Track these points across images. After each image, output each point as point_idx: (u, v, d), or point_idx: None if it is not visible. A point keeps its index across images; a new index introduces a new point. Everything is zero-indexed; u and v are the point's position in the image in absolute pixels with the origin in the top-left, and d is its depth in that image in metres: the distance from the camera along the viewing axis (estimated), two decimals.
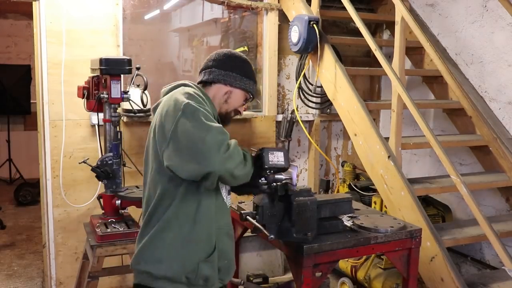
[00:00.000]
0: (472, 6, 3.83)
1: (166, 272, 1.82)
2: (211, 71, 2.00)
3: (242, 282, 2.74)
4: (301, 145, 4.69)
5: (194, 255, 1.84)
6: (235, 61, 2.03)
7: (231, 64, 2.01)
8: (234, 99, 2.01)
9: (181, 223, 1.83)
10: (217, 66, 2.00)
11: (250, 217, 2.06)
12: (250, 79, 2.04)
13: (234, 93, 2.01)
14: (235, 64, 2.02)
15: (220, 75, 1.99)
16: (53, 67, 3.53)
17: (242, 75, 2.01)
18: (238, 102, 2.04)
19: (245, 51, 4.45)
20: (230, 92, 2.00)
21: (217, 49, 2.09)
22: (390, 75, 3.21)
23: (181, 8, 4.40)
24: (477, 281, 2.87)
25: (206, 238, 1.87)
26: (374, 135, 3.25)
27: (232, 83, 1.99)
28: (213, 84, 2.00)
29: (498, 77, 3.65)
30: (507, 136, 3.52)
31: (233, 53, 2.06)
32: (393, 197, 3.12)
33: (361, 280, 3.67)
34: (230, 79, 1.99)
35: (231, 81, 1.99)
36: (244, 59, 2.06)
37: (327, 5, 4.21)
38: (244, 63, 2.05)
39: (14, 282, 4.18)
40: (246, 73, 2.03)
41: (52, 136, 3.58)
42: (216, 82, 1.99)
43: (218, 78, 1.98)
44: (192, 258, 1.84)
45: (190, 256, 1.83)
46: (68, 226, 3.68)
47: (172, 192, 1.83)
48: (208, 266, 1.86)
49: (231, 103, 2.02)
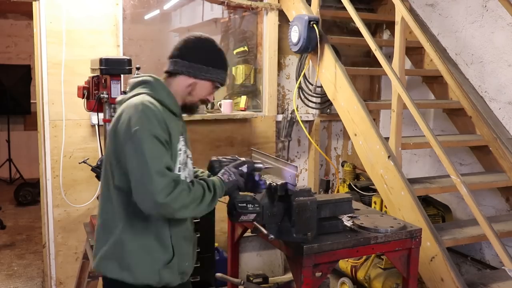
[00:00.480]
0: (472, 6, 3.83)
1: (129, 280, 1.82)
2: (176, 62, 1.90)
3: (242, 282, 2.74)
4: (301, 145, 4.69)
5: (154, 263, 1.83)
6: (202, 50, 1.91)
7: (196, 53, 1.90)
8: (199, 90, 1.93)
9: (137, 233, 1.82)
10: (181, 56, 1.90)
11: None
12: (218, 68, 1.93)
13: (199, 84, 1.91)
14: (201, 53, 1.91)
15: (184, 66, 1.88)
16: (53, 67, 3.53)
17: (208, 65, 1.90)
18: (203, 93, 1.94)
19: (245, 51, 4.46)
20: (195, 84, 1.91)
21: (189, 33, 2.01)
22: (390, 75, 3.21)
23: (181, 8, 4.40)
24: (477, 281, 2.87)
25: (163, 246, 1.85)
26: (374, 135, 3.25)
27: (197, 75, 1.89)
28: (177, 75, 1.90)
29: (498, 77, 3.65)
30: (507, 136, 3.52)
31: (201, 40, 1.93)
32: (393, 197, 3.12)
33: (361, 280, 3.67)
34: (194, 70, 1.89)
35: (195, 73, 1.89)
36: (212, 46, 1.95)
37: (327, 5, 4.22)
38: (212, 51, 1.94)
39: (14, 282, 4.18)
40: (213, 62, 1.92)
41: (52, 136, 3.58)
42: (180, 74, 1.90)
43: (182, 69, 1.89)
44: (152, 266, 1.83)
45: (150, 264, 1.83)
46: (68, 226, 3.68)
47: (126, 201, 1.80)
48: (169, 272, 1.86)
49: (196, 94, 1.93)
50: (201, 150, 4.01)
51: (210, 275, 3.47)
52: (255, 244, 3.89)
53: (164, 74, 1.95)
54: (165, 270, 1.85)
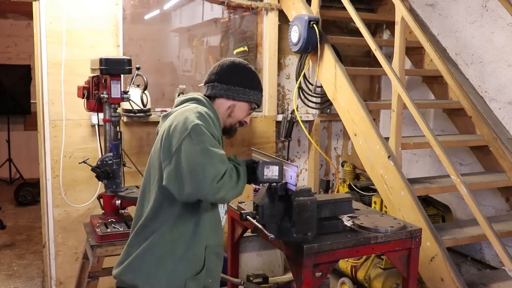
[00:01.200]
0: (472, 6, 3.83)
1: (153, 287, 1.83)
2: (214, 86, 1.99)
3: (242, 282, 2.74)
4: (301, 145, 4.69)
5: (183, 273, 1.85)
6: (237, 73, 2.01)
7: (233, 76, 1.99)
8: (237, 112, 2.02)
9: (174, 241, 1.84)
10: (219, 80, 1.99)
11: (250, 217, 2.06)
12: (254, 89, 2.02)
13: (238, 106, 2.00)
14: (237, 76, 2.00)
15: (223, 89, 1.98)
16: (53, 67, 3.53)
17: (244, 87, 2.00)
18: (242, 114, 2.03)
19: (245, 51, 4.46)
20: (234, 106, 2.00)
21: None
22: (390, 75, 3.21)
23: (181, 8, 4.40)
24: (477, 281, 2.87)
25: (197, 257, 1.89)
26: (374, 135, 3.25)
27: (235, 97, 1.99)
28: (216, 99, 2.00)
29: (498, 77, 3.65)
30: (507, 136, 3.52)
31: (236, 64, 2.03)
32: (393, 197, 3.12)
33: (361, 280, 3.67)
34: (232, 93, 1.98)
35: (233, 95, 1.98)
36: (247, 69, 2.04)
37: (327, 5, 4.21)
38: (247, 74, 2.03)
39: (14, 282, 4.18)
40: (249, 84, 2.01)
41: (52, 136, 3.58)
42: (219, 97, 1.99)
43: (221, 93, 1.98)
44: (181, 275, 1.85)
45: (179, 274, 1.85)
46: (68, 226, 3.68)
47: (168, 208, 1.84)
48: (195, 284, 1.87)
49: (235, 116, 2.02)
50: None
51: None
52: (255, 244, 3.89)
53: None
54: (191, 281, 1.86)
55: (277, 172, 1.96)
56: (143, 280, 1.84)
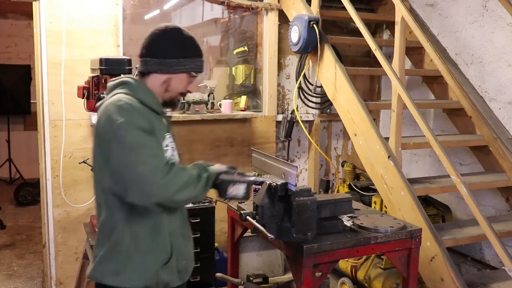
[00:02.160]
0: (472, 6, 3.83)
1: (125, 284, 1.79)
2: (146, 61, 1.85)
3: (242, 282, 2.74)
4: (301, 145, 4.69)
5: (152, 265, 1.81)
6: (169, 43, 1.84)
7: (164, 48, 1.83)
8: (175, 84, 1.88)
9: (136, 235, 1.79)
10: (150, 55, 1.84)
11: (250, 217, 2.07)
12: (190, 57, 1.86)
13: (174, 78, 1.86)
14: (168, 46, 1.84)
15: (155, 64, 1.83)
16: (53, 67, 3.53)
17: (178, 57, 1.84)
18: (181, 86, 1.90)
19: (245, 51, 4.46)
20: (169, 79, 1.86)
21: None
22: (390, 75, 3.21)
23: (181, 8, 4.40)
24: (477, 281, 2.87)
25: (163, 246, 1.84)
26: (374, 135, 3.25)
27: (169, 70, 1.84)
28: (150, 74, 1.86)
29: (498, 77, 3.65)
30: (507, 136, 3.52)
31: (166, 33, 1.85)
32: (393, 197, 3.12)
33: (361, 280, 3.67)
34: (165, 66, 1.83)
35: (167, 69, 1.83)
36: (179, 37, 1.86)
37: (327, 5, 4.21)
38: (180, 42, 1.86)
39: (14, 282, 4.18)
40: (183, 52, 1.85)
41: (52, 136, 3.58)
42: (152, 72, 1.85)
43: (154, 68, 1.84)
44: (150, 267, 1.81)
45: (148, 266, 1.81)
46: (68, 226, 3.68)
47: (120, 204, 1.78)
48: (167, 271, 1.84)
49: (173, 89, 1.88)
50: (201, 150, 4.01)
51: (210, 275, 3.47)
52: (255, 244, 3.89)
53: (138, 74, 1.91)
54: (163, 271, 1.83)
55: (243, 191, 1.89)
56: (112, 278, 1.80)
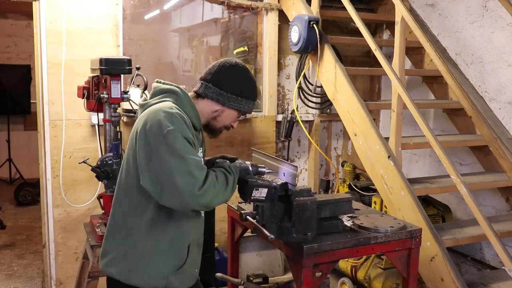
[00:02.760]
0: (472, 6, 3.83)
1: (135, 282, 1.82)
2: (207, 86, 1.90)
3: (242, 282, 2.74)
4: (301, 145, 4.69)
5: (165, 268, 1.84)
6: (234, 79, 1.91)
7: (228, 82, 1.90)
8: (224, 117, 1.94)
9: (156, 238, 1.82)
10: (213, 82, 1.90)
11: (250, 217, 2.07)
12: (248, 99, 1.94)
13: (226, 112, 1.92)
14: (232, 82, 1.90)
15: (215, 93, 1.89)
16: (53, 67, 3.53)
17: (237, 95, 1.90)
18: (228, 120, 1.96)
19: (245, 51, 4.46)
20: (222, 111, 1.92)
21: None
22: (390, 75, 3.21)
23: (181, 8, 4.40)
24: (477, 281, 2.87)
25: (179, 252, 1.88)
26: (374, 135, 3.25)
27: (225, 103, 1.90)
28: (205, 98, 1.91)
29: (498, 77, 3.65)
30: (507, 136, 3.52)
31: (235, 69, 1.92)
32: (393, 197, 3.12)
33: (361, 280, 3.67)
34: (223, 99, 1.89)
35: (224, 101, 1.90)
36: (245, 76, 1.94)
37: (327, 5, 4.21)
38: (244, 81, 1.93)
39: (14, 282, 4.18)
40: (243, 92, 1.92)
41: (52, 136, 3.58)
42: (209, 98, 1.91)
43: (212, 95, 1.89)
44: (163, 270, 1.84)
45: (161, 269, 1.84)
46: (68, 226, 3.68)
47: (146, 203, 1.80)
48: (177, 278, 1.87)
49: (221, 121, 1.95)
50: None
51: (210, 275, 3.47)
52: (255, 244, 3.89)
53: (193, 92, 1.96)
54: (173, 276, 1.86)
55: (265, 194, 1.93)
56: (124, 276, 1.83)
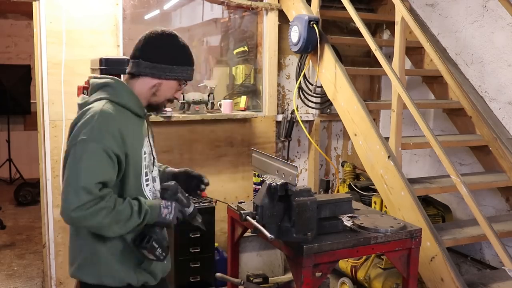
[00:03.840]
0: (472, 6, 3.83)
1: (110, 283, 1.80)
2: (138, 63, 1.81)
3: (242, 282, 2.74)
4: (301, 145, 4.69)
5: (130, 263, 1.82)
6: (164, 48, 1.82)
7: (158, 52, 1.81)
8: (164, 90, 1.85)
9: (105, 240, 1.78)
10: (143, 57, 1.81)
11: (250, 217, 2.07)
12: (183, 65, 1.84)
13: (164, 84, 1.84)
14: (163, 51, 1.81)
15: (147, 67, 1.80)
16: (53, 67, 3.53)
17: (172, 63, 1.82)
18: (170, 92, 1.87)
19: (245, 51, 4.46)
20: (159, 84, 1.83)
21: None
22: (390, 75, 3.21)
23: (181, 8, 4.40)
24: (477, 281, 2.87)
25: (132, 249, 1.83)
26: (374, 135, 3.25)
27: (161, 75, 1.81)
28: (140, 77, 1.83)
29: (498, 77, 3.65)
30: (507, 136, 3.52)
31: (162, 38, 1.83)
32: (393, 197, 3.12)
33: (361, 280, 3.67)
34: (158, 71, 1.80)
35: (159, 73, 1.81)
36: (175, 44, 1.84)
37: (327, 5, 4.21)
38: (175, 49, 1.84)
39: (14, 282, 4.18)
40: (177, 59, 1.83)
41: (52, 136, 3.58)
42: (143, 75, 1.82)
43: (145, 71, 1.81)
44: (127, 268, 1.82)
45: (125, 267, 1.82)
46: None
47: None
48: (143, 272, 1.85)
49: (161, 94, 1.86)
50: (201, 150, 4.01)
51: (210, 275, 3.47)
52: (255, 244, 3.89)
53: (127, 75, 1.88)
54: (140, 271, 1.85)
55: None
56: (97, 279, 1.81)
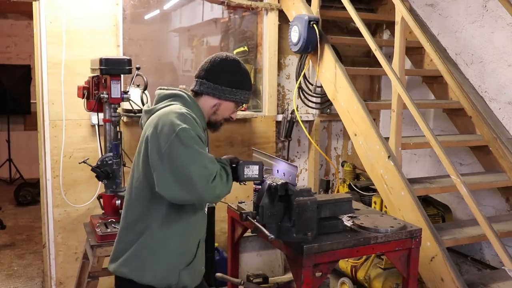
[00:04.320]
0: (472, 6, 3.83)
1: (149, 281, 1.89)
2: (202, 83, 2.01)
3: (242, 282, 2.74)
4: (301, 145, 4.69)
5: (176, 265, 1.93)
6: (226, 72, 2.01)
7: (221, 75, 2.00)
8: (223, 110, 2.04)
9: (166, 236, 1.89)
10: (207, 78, 2.00)
11: (250, 217, 2.07)
12: (242, 89, 2.03)
13: (224, 105, 2.03)
14: (226, 75, 2.01)
15: (210, 88, 1.99)
16: (53, 67, 3.53)
17: (232, 87, 2.00)
18: (227, 112, 2.06)
19: (245, 51, 4.46)
20: (219, 104, 2.02)
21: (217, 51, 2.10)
22: (390, 75, 3.21)
23: (181, 8, 4.40)
24: (477, 281, 2.87)
25: (189, 249, 1.97)
26: (374, 135, 3.25)
27: (221, 96, 2.00)
28: (203, 95, 2.02)
29: (498, 77, 3.65)
30: (507, 136, 3.52)
31: (226, 62, 2.03)
32: (393, 197, 3.12)
33: (361, 280, 3.67)
34: (218, 92, 1.99)
35: (219, 94, 2.00)
36: (237, 68, 2.04)
37: (327, 5, 4.21)
38: (236, 73, 2.03)
39: (14, 282, 4.18)
40: (237, 84, 2.02)
41: (52, 136, 3.58)
42: (205, 94, 2.01)
43: (208, 91, 2.00)
44: (175, 267, 1.92)
45: (173, 266, 1.92)
46: (68, 226, 3.68)
47: (157, 206, 1.88)
48: (188, 273, 1.95)
49: (220, 114, 2.05)
50: None
51: (210, 275, 3.47)
52: (255, 244, 3.90)
53: (191, 92, 2.05)
54: (185, 272, 1.93)
55: (257, 171, 2.01)
56: (138, 275, 1.89)
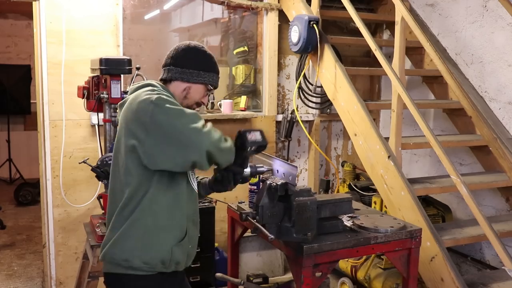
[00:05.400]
0: (472, 6, 3.83)
1: (142, 259, 1.90)
2: (169, 69, 2.07)
3: (242, 282, 2.74)
4: (301, 145, 4.69)
5: (168, 241, 1.94)
6: (192, 56, 2.08)
7: (187, 60, 2.07)
8: (193, 93, 2.08)
9: (155, 213, 1.91)
10: (174, 64, 2.07)
11: (250, 217, 2.07)
12: (209, 71, 2.09)
13: (193, 88, 2.07)
14: (191, 59, 2.07)
15: (177, 72, 2.05)
16: (53, 67, 3.53)
17: (199, 69, 2.06)
18: (198, 95, 2.10)
19: (245, 51, 4.46)
20: (189, 88, 2.07)
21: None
22: (390, 75, 3.21)
23: (181, 8, 4.40)
24: (477, 281, 2.87)
25: (179, 225, 1.97)
26: (374, 135, 3.25)
27: (190, 79, 2.06)
28: (172, 82, 2.07)
29: (498, 77, 3.65)
30: (507, 136, 3.52)
31: (191, 48, 2.09)
32: (393, 197, 3.12)
33: (361, 280, 3.67)
34: (186, 75, 2.05)
35: (188, 78, 2.06)
36: (201, 52, 2.10)
37: (327, 5, 4.21)
38: (201, 56, 2.09)
39: (14, 282, 4.18)
40: (204, 66, 2.08)
41: (52, 136, 3.58)
42: (174, 80, 2.07)
43: (176, 76, 2.06)
44: (167, 244, 1.93)
45: (165, 242, 1.93)
46: (68, 226, 3.68)
47: (145, 184, 1.89)
48: (180, 250, 1.96)
49: (191, 97, 2.09)
50: None
51: (210, 275, 3.47)
52: (255, 244, 3.89)
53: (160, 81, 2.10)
54: (177, 248, 1.94)
55: (260, 136, 2.01)
56: (130, 254, 1.90)
